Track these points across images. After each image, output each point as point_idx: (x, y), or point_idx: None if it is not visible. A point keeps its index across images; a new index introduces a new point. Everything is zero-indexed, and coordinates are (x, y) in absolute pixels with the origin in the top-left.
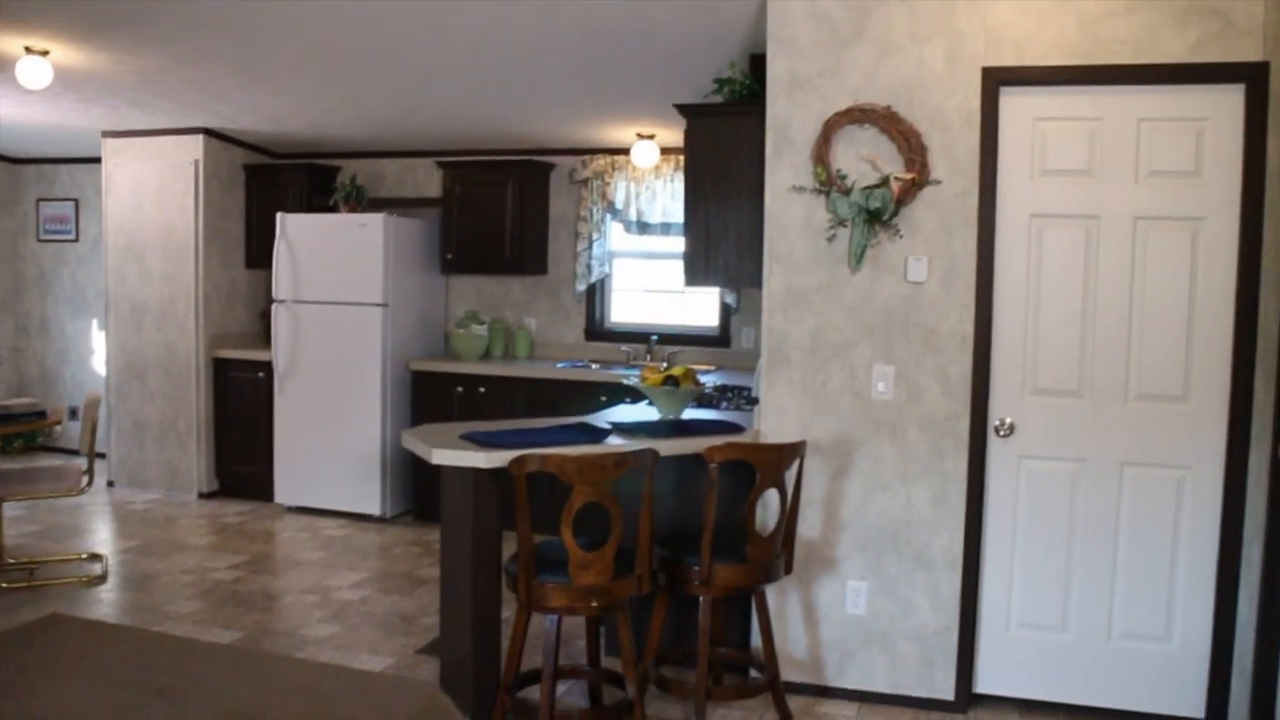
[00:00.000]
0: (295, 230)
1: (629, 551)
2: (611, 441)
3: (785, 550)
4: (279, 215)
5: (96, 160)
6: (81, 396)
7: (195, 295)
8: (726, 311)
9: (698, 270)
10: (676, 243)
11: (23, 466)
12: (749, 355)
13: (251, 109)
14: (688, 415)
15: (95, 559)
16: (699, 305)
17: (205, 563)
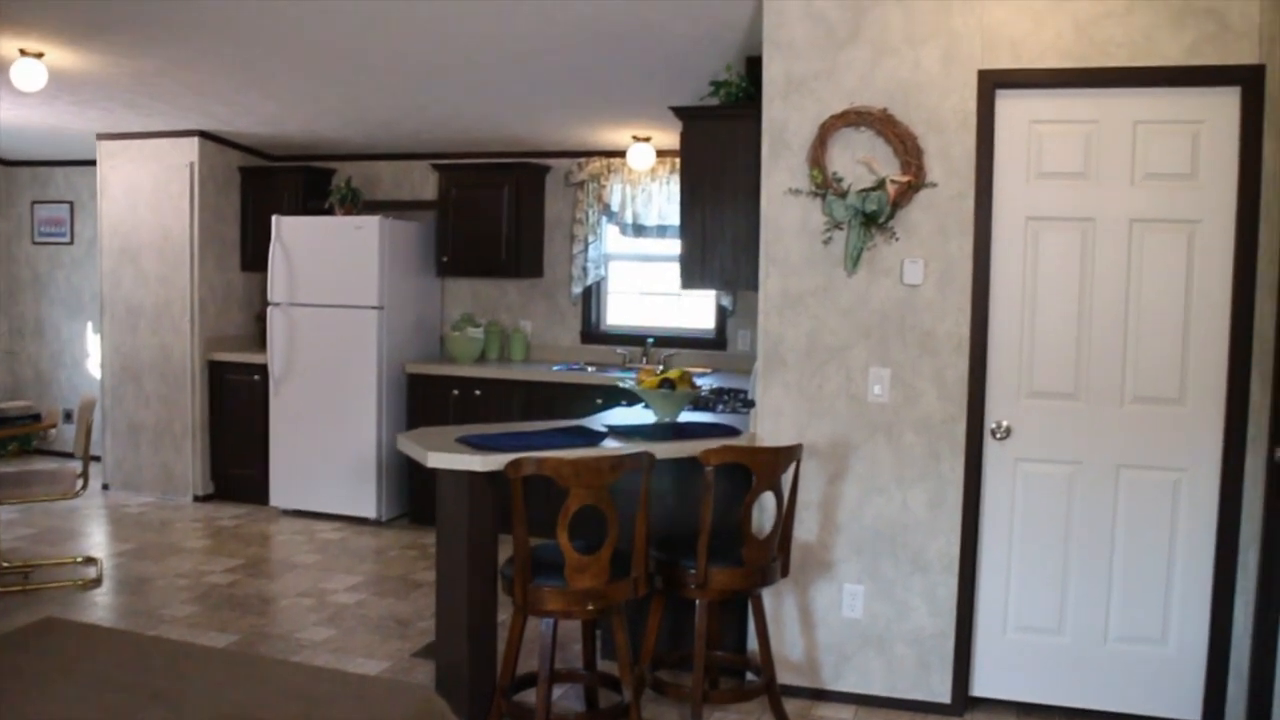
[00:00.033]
0: (290, 233)
1: (625, 555)
2: (608, 444)
3: (781, 553)
4: (274, 218)
5: (92, 163)
6: (76, 399)
7: (190, 298)
8: (722, 314)
9: (694, 273)
10: (672, 245)
11: (17, 470)
12: (745, 358)
13: (247, 111)
14: (684, 418)
15: (90, 562)
16: (695, 308)
17: (200, 566)
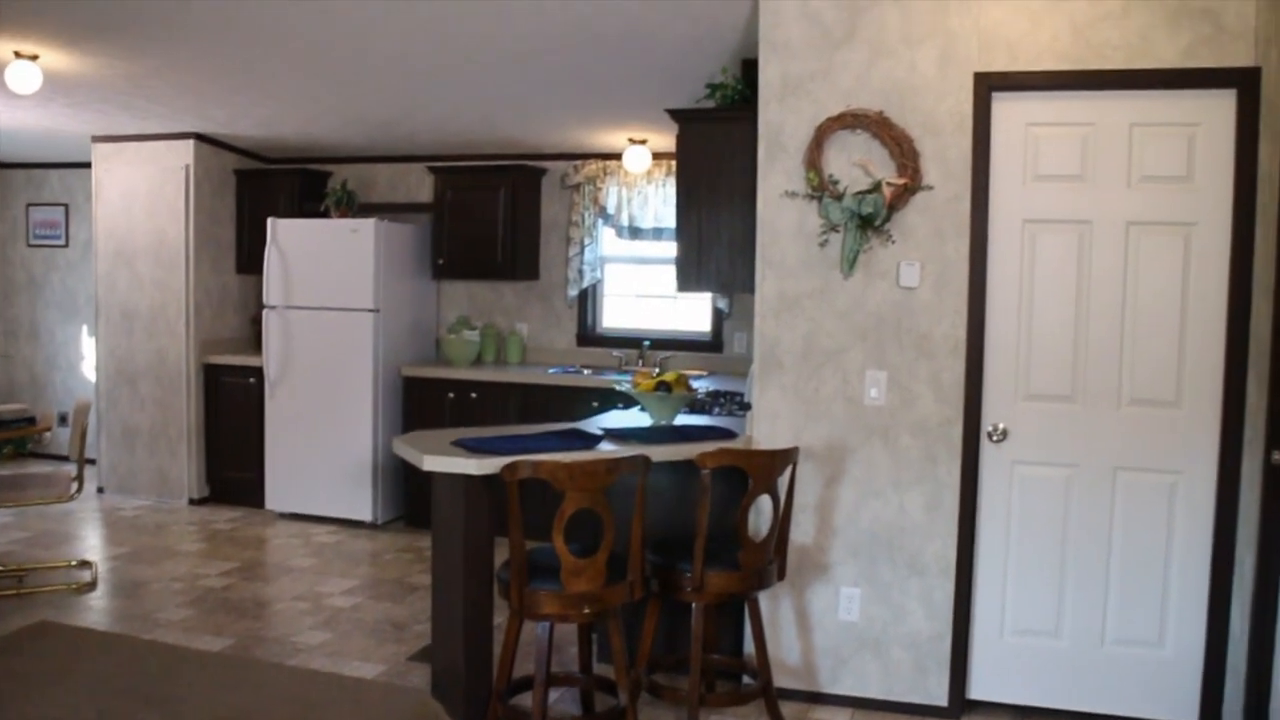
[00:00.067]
0: (286, 236)
1: (621, 558)
2: (604, 448)
3: (778, 556)
4: (270, 220)
5: (87, 165)
6: (71, 403)
7: (186, 301)
8: (719, 317)
9: (690, 275)
10: (668, 248)
11: (12, 473)
12: (741, 360)
13: (243, 114)
14: (680, 421)
15: (85, 566)
16: (691, 310)
17: (196, 569)
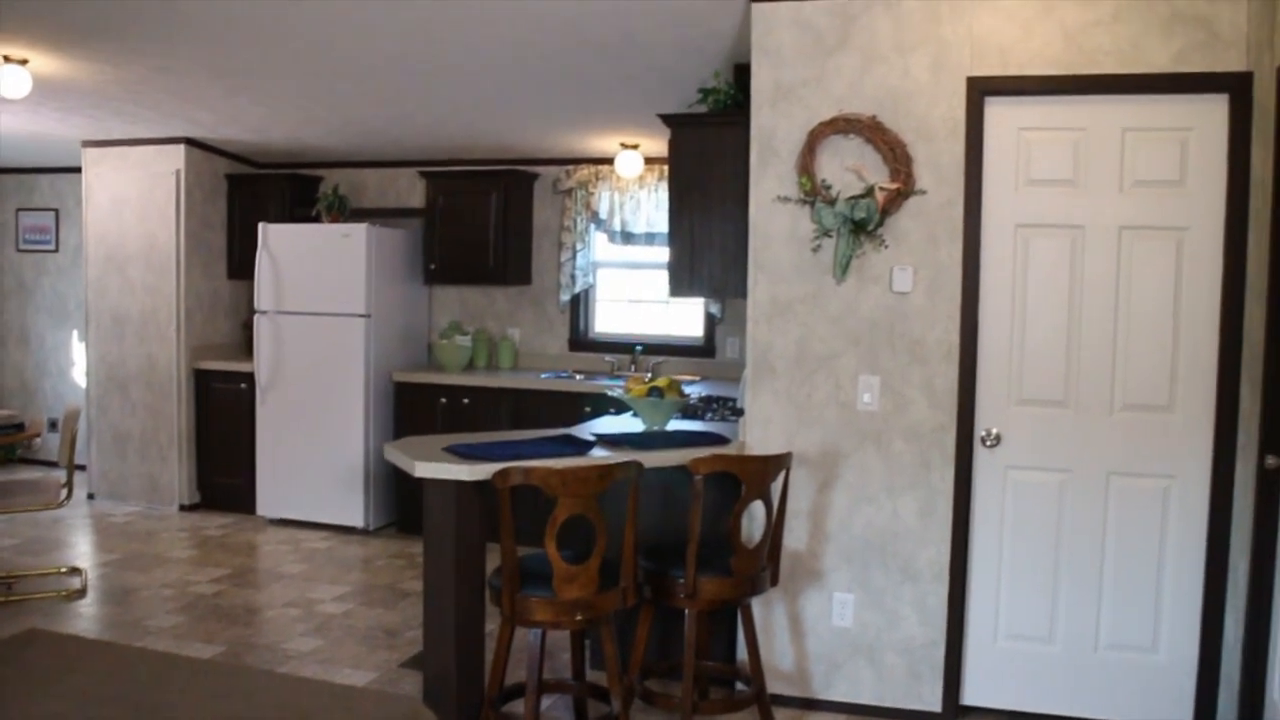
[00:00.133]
0: (277, 241)
1: (614, 564)
2: (596, 453)
3: (771, 562)
4: (261, 225)
5: (77, 170)
6: (61, 408)
7: (177, 306)
8: (711, 322)
9: (682, 280)
10: (661, 253)
11: (1, 479)
12: (734, 366)
13: (234, 118)
14: (672, 426)
15: (74, 573)
16: (683, 315)
17: (186, 576)
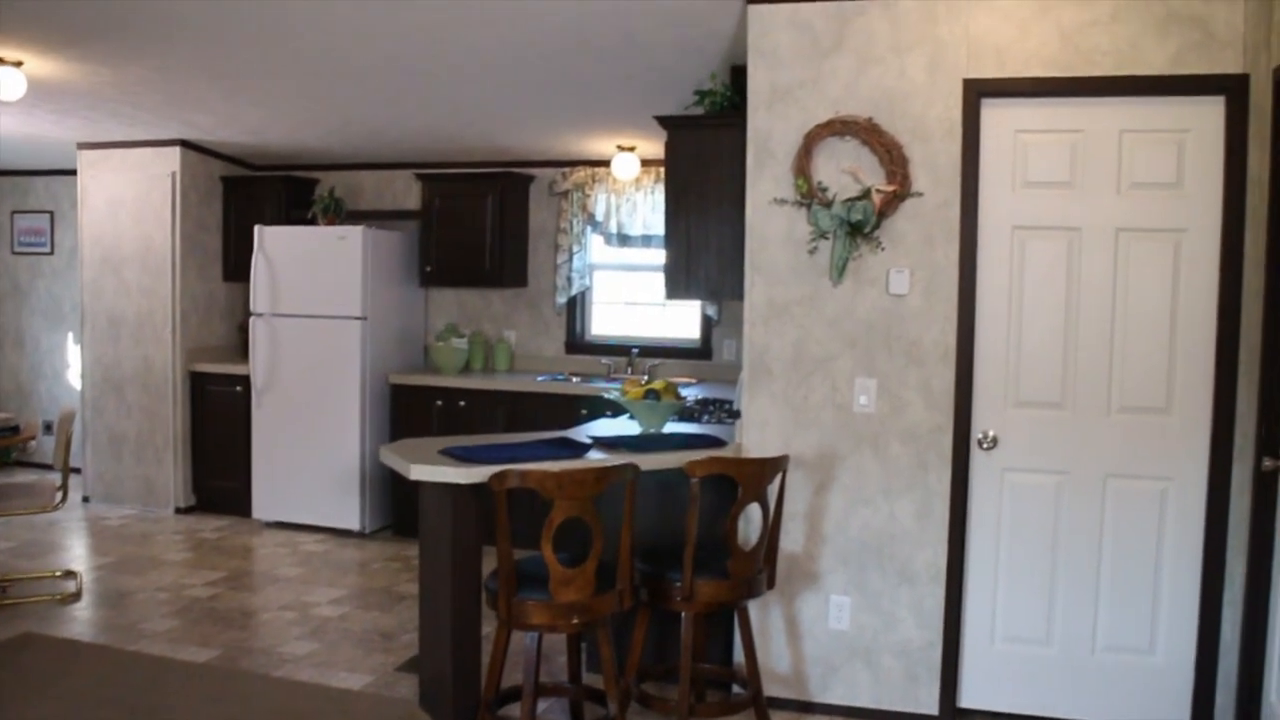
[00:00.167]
0: (273, 243)
1: (610, 567)
2: (592, 456)
3: (768, 565)
4: (257, 228)
5: (72, 172)
6: (56, 411)
7: (172, 308)
8: (708, 324)
9: (679, 283)
10: (657, 255)
11: None
12: (730, 368)
13: (229, 120)
14: (669, 429)
15: (69, 576)
16: (680, 318)
17: (182, 579)
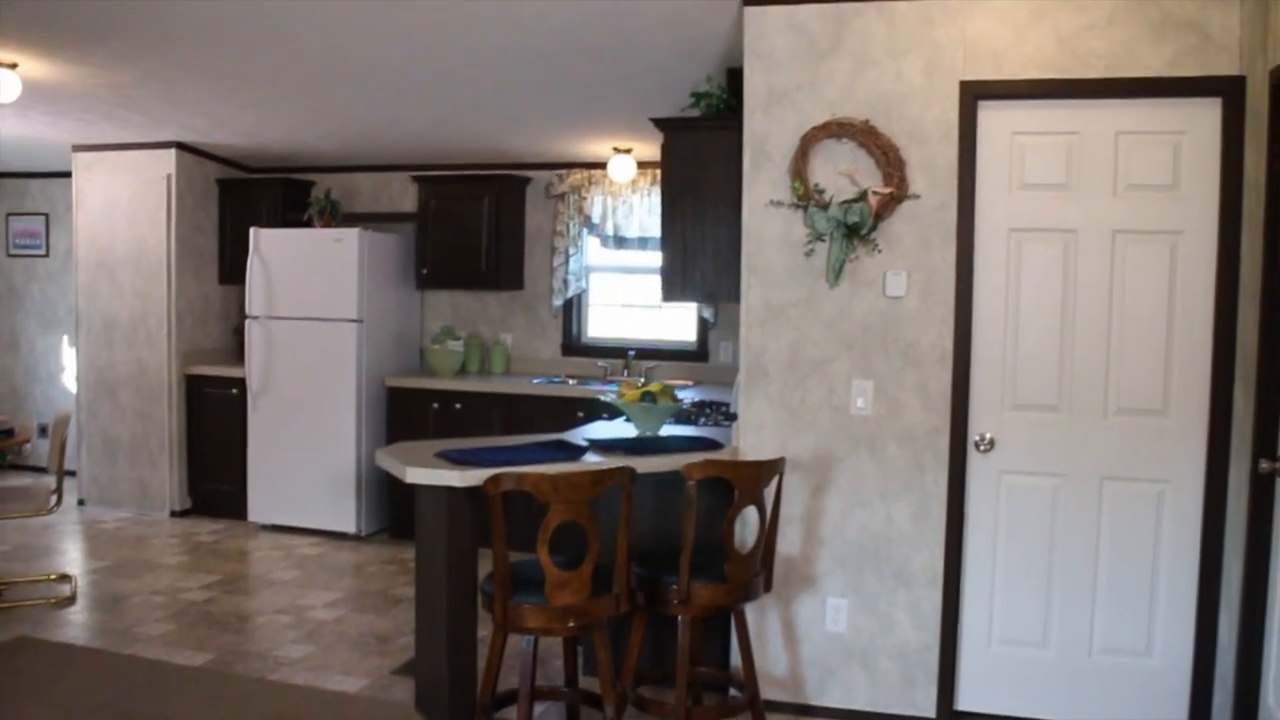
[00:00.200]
0: (269, 245)
1: (606, 570)
2: (588, 459)
3: (764, 568)
4: (252, 230)
5: (67, 174)
6: (51, 414)
7: (168, 311)
8: (704, 326)
9: (675, 285)
10: (654, 257)
11: None
12: (727, 370)
13: (225, 123)
14: (665, 431)
15: (64, 580)
16: (676, 320)
17: (177, 583)
